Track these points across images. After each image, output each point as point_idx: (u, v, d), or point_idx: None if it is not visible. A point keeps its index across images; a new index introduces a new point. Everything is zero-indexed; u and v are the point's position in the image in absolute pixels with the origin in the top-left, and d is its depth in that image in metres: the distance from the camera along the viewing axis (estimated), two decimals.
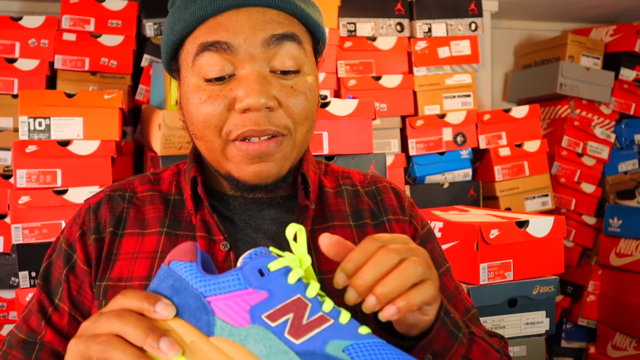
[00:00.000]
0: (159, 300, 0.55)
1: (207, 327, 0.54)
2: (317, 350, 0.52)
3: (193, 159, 0.82)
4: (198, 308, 0.55)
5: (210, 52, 0.72)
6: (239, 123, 0.72)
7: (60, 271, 0.79)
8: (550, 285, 1.33)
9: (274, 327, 0.53)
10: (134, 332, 0.54)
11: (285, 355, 0.52)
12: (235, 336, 0.54)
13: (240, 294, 0.55)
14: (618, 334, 2.11)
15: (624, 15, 2.37)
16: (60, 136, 1.41)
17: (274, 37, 0.72)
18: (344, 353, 0.52)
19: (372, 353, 0.52)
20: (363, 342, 0.53)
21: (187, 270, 0.57)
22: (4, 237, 1.58)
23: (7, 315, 1.60)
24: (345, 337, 0.53)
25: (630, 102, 2.29)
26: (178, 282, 0.56)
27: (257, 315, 0.54)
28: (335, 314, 0.55)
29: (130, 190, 0.83)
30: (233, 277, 0.56)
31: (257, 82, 0.71)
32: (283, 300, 0.55)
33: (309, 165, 0.83)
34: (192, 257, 0.57)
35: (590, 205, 2.24)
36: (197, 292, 0.55)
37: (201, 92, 0.73)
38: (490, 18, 2.17)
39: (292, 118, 0.74)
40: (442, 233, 1.36)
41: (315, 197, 0.83)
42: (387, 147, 1.85)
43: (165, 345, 0.53)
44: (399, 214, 0.85)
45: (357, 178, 0.90)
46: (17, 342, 0.77)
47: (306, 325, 0.54)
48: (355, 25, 1.89)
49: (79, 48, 1.72)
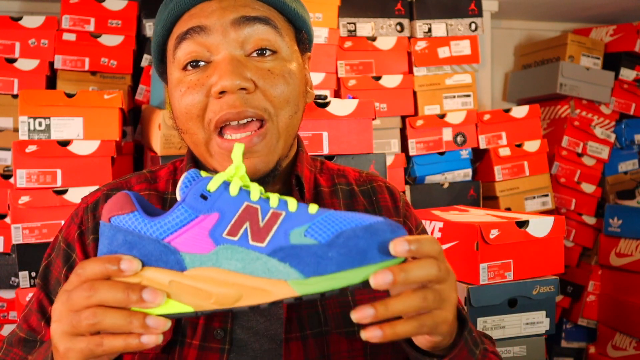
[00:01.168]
0: (121, 259, 0.55)
1: (178, 265, 0.56)
2: (283, 244, 0.55)
3: (190, 159, 0.83)
4: (161, 252, 0.56)
5: (186, 40, 0.73)
6: (216, 108, 0.71)
7: (59, 270, 0.79)
8: (550, 285, 1.33)
9: (237, 240, 0.56)
10: (114, 295, 0.54)
11: (258, 261, 0.55)
12: (207, 262, 0.56)
13: (194, 224, 0.56)
14: (618, 334, 2.11)
15: (624, 15, 2.37)
16: (60, 136, 1.41)
17: (245, 18, 0.72)
18: (306, 237, 0.55)
19: (329, 227, 0.55)
20: (317, 220, 0.56)
21: (132, 221, 0.57)
22: (4, 237, 1.58)
23: (7, 315, 1.60)
24: (300, 222, 0.56)
25: (630, 102, 2.29)
26: (129, 236, 0.57)
27: (218, 237, 0.56)
28: (284, 205, 0.58)
29: (127, 189, 0.83)
30: (180, 212, 0.57)
31: (230, 64, 0.70)
32: (234, 214, 0.57)
33: (303, 166, 0.83)
34: (132, 207, 0.58)
35: (590, 205, 2.24)
36: (154, 238, 0.56)
37: (182, 85, 0.74)
38: (490, 18, 2.17)
39: (271, 101, 0.73)
40: (442, 233, 1.36)
41: (310, 197, 0.83)
42: (387, 147, 1.85)
43: (148, 295, 0.54)
44: (393, 215, 0.85)
45: (353, 176, 0.89)
46: (18, 340, 0.78)
47: (264, 227, 0.56)
48: (355, 25, 1.89)
49: (79, 48, 1.72)
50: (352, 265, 0.54)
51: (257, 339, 0.74)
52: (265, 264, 0.55)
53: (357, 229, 0.55)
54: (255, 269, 0.55)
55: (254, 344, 0.73)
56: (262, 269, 0.55)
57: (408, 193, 1.83)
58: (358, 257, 0.54)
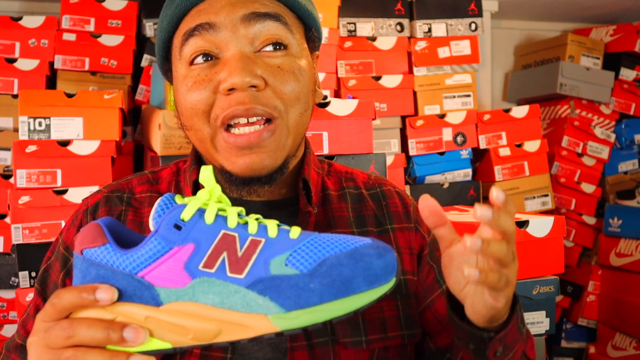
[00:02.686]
0: (97, 288, 0.54)
1: (154, 300, 0.53)
2: (262, 275, 0.52)
3: (194, 161, 0.80)
4: (135, 287, 0.54)
5: (194, 37, 0.71)
6: (224, 105, 0.69)
7: (57, 275, 0.78)
8: (550, 285, 1.32)
9: (214, 272, 0.53)
10: (94, 335, 0.53)
11: (237, 294, 0.52)
12: (183, 297, 0.53)
13: (168, 257, 0.54)
14: (618, 334, 2.11)
15: (624, 15, 2.37)
16: (60, 136, 1.41)
17: (255, 14, 0.71)
18: (287, 267, 0.52)
19: (311, 254, 0.52)
20: (300, 247, 0.53)
21: (104, 254, 0.55)
22: (4, 237, 1.58)
23: (7, 315, 1.60)
24: (281, 250, 0.53)
25: (630, 102, 2.29)
26: (102, 270, 0.55)
27: (194, 269, 0.53)
28: (263, 231, 0.55)
29: (129, 191, 0.81)
30: (153, 244, 0.54)
31: (240, 61, 0.69)
32: (211, 244, 0.54)
33: (310, 169, 0.80)
34: (104, 239, 0.55)
35: (590, 205, 2.23)
36: (127, 272, 0.54)
37: (188, 80, 0.72)
38: (490, 18, 2.16)
39: (282, 99, 0.71)
40: None
41: (317, 201, 0.80)
42: (387, 147, 1.85)
43: (130, 333, 0.53)
44: (404, 222, 0.83)
45: (361, 179, 0.87)
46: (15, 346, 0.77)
47: (243, 257, 0.53)
48: (355, 25, 1.89)
49: (79, 48, 1.72)
50: (336, 297, 0.51)
51: (261, 348, 0.72)
52: (244, 297, 0.52)
53: (341, 255, 0.52)
54: (234, 303, 0.52)
55: (257, 353, 0.72)
56: (241, 303, 0.52)
57: (408, 193, 1.83)
58: (342, 288, 0.51)
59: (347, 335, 0.74)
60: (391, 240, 0.81)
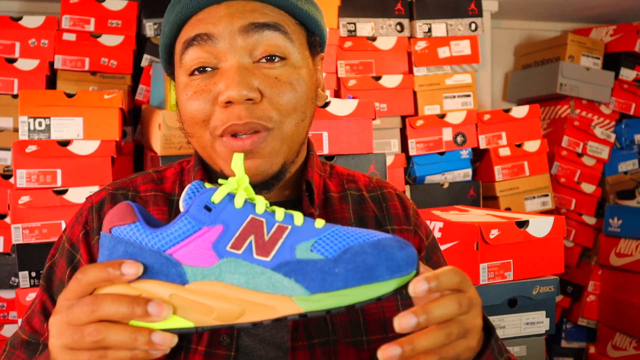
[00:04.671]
0: (122, 262, 0.54)
1: (180, 278, 0.54)
2: (288, 259, 0.53)
3: (198, 161, 0.81)
4: (163, 264, 0.54)
5: (193, 47, 0.72)
6: (222, 118, 0.70)
7: (63, 271, 0.78)
8: (550, 285, 1.33)
9: (241, 254, 0.54)
10: (118, 310, 0.53)
11: (262, 275, 0.53)
12: (209, 276, 0.54)
13: (197, 236, 0.55)
14: (618, 334, 2.11)
15: (624, 15, 2.37)
16: (60, 136, 1.41)
17: (253, 24, 0.71)
18: (313, 252, 0.54)
19: (336, 242, 0.54)
20: (325, 235, 0.55)
21: (134, 231, 0.56)
22: (4, 237, 1.58)
23: (7, 315, 1.60)
24: (307, 237, 0.55)
25: (630, 102, 2.29)
26: (130, 247, 0.55)
27: (221, 249, 0.54)
28: (290, 219, 0.56)
29: (133, 189, 0.82)
30: (184, 223, 0.55)
31: (237, 73, 0.69)
32: (239, 226, 0.55)
33: (313, 171, 0.81)
34: (134, 217, 0.56)
35: (590, 205, 2.24)
36: (155, 249, 0.55)
37: (188, 89, 0.72)
38: (490, 18, 2.17)
39: (278, 110, 0.71)
40: (442, 233, 1.36)
41: (319, 202, 0.81)
42: (387, 147, 1.85)
43: (154, 308, 0.53)
44: (404, 224, 0.84)
45: (363, 181, 0.88)
46: (20, 342, 0.77)
47: (269, 241, 0.54)
48: (355, 25, 1.89)
49: (79, 48, 1.72)
50: (359, 282, 0.52)
51: (264, 347, 0.73)
52: (270, 278, 0.53)
53: (365, 244, 0.53)
54: (259, 283, 0.53)
55: (260, 352, 0.72)
56: (266, 284, 0.53)
57: (408, 193, 1.83)
58: (366, 274, 0.52)
59: (348, 335, 0.74)
60: None
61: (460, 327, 0.56)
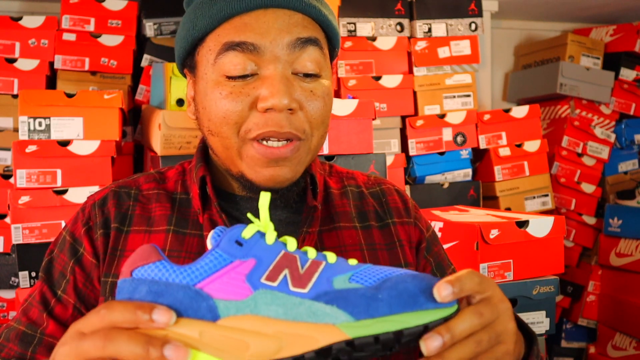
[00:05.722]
0: (155, 307, 0.50)
1: (211, 313, 0.51)
2: (327, 289, 0.52)
3: (200, 159, 0.82)
4: (192, 298, 0.51)
5: (235, 51, 0.72)
6: (259, 122, 0.71)
7: (63, 264, 0.78)
8: (550, 285, 1.33)
9: (277, 286, 0.52)
10: (132, 350, 0.49)
11: (302, 305, 0.51)
12: (243, 309, 0.51)
13: (229, 269, 0.52)
14: (618, 334, 2.11)
15: (624, 15, 2.37)
16: (60, 136, 1.41)
17: (300, 40, 0.73)
18: (352, 283, 0.53)
19: (373, 274, 0.53)
20: (360, 269, 0.54)
21: (159, 269, 0.52)
22: (4, 237, 1.58)
23: (7, 315, 1.60)
24: (342, 271, 0.54)
25: (630, 102, 2.29)
26: (155, 286, 0.52)
27: (256, 281, 0.52)
28: (322, 257, 0.56)
29: (136, 188, 0.82)
30: (214, 256, 0.53)
31: (281, 82, 0.71)
32: (272, 260, 0.54)
33: (316, 167, 0.84)
34: (158, 256, 0.53)
35: (590, 205, 2.24)
36: (183, 284, 0.51)
37: (222, 88, 0.73)
38: (490, 18, 2.17)
39: (310, 122, 0.74)
40: (442, 233, 1.36)
41: (321, 198, 0.83)
42: (387, 147, 1.85)
43: (170, 351, 0.48)
44: (404, 216, 0.86)
45: (361, 179, 0.90)
46: (16, 334, 0.76)
47: (305, 274, 0.53)
48: (355, 25, 1.89)
49: (79, 48, 1.72)
50: (404, 309, 0.51)
51: None
52: (310, 307, 0.50)
53: (404, 275, 0.53)
54: (299, 313, 0.50)
55: None
56: (307, 313, 0.50)
57: (408, 193, 1.83)
58: (410, 301, 0.51)
59: None
60: (392, 233, 0.83)
61: (490, 333, 0.56)
